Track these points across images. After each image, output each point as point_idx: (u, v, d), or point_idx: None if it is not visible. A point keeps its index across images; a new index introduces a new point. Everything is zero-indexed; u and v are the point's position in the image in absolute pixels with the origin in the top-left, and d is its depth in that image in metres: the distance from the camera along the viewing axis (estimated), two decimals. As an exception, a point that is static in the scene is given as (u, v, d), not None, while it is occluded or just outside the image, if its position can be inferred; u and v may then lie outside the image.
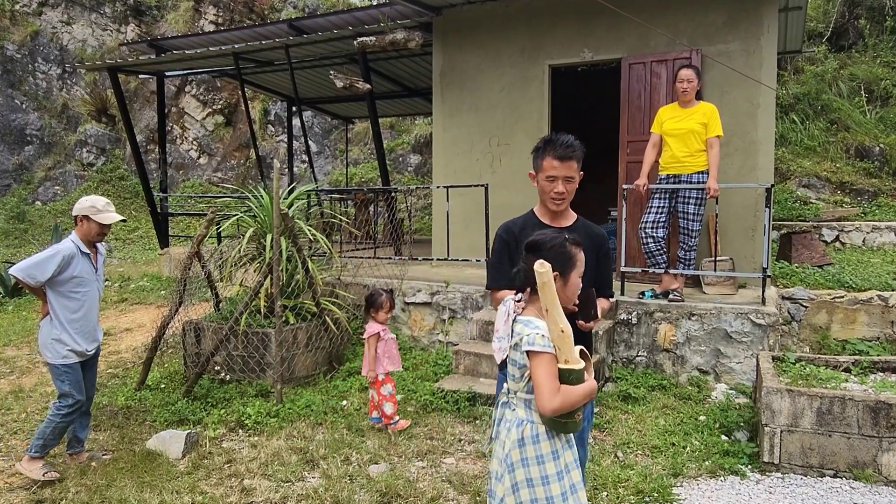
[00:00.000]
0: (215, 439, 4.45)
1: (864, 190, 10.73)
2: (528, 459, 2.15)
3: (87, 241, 4.10)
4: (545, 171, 2.62)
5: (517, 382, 2.21)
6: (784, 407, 3.74)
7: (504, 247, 2.71)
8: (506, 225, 2.75)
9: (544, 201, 2.69)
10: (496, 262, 2.73)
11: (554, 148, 2.59)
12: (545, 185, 2.63)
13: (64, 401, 4.02)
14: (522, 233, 2.62)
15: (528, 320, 2.16)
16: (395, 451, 4.18)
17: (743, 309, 5.24)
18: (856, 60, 12.72)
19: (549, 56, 7.08)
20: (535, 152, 2.69)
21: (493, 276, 2.76)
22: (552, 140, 2.62)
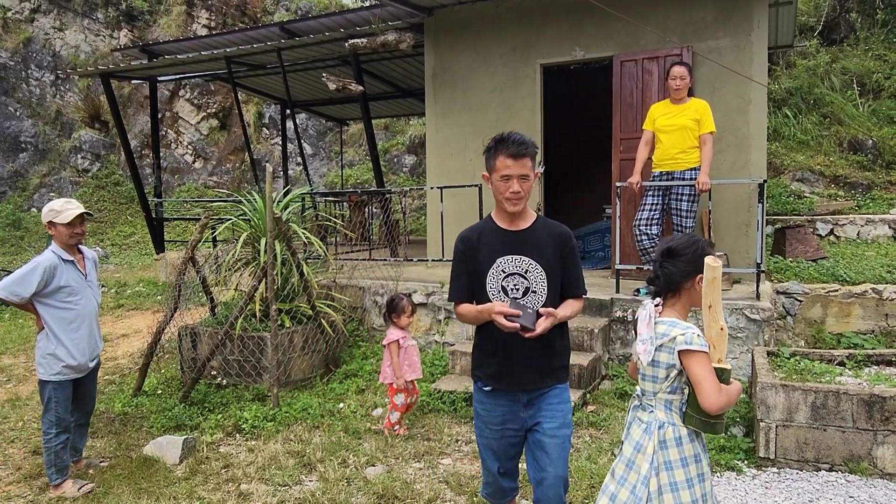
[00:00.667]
0: (212, 444, 4.45)
1: (857, 183, 10.76)
2: (671, 462, 2.17)
3: (66, 247, 3.92)
4: (499, 171, 2.52)
5: (659, 384, 2.22)
6: (779, 402, 3.75)
7: (462, 258, 2.64)
8: (463, 235, 2.67)
9: (500, 203, 2.59)
10: (457, 274, 2.66)
11: (506, 146, 2.50)
12: (500, 186, 2.53)
13: (49, 421, 3.85)
14: (481, 240, 2.60)
15: (673, 321, 2.19)
16: (392, 453, 4.19)
17: (738, 304, 5.26)
18: (847, 54, 12.75)
19: (541, 55, 7.09)
20: (487, 153, 2.59)
21: (454, 289, 2.70)
22: (503, 139, 2.54)
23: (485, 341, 2.69)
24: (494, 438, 2.73)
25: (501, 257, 2.58)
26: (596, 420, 4.58)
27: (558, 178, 9.56)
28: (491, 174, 2.58)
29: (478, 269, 2.59)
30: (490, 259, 2.58)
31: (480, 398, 2.76)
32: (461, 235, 2.67)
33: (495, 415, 2.70)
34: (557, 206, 9.23)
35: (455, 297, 2.69)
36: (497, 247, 2.59)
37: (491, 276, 2.58)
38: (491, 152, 2.57)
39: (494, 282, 2.59)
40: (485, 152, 2.61)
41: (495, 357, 2.65)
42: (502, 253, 2.58)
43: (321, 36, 8.16)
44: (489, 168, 2.59)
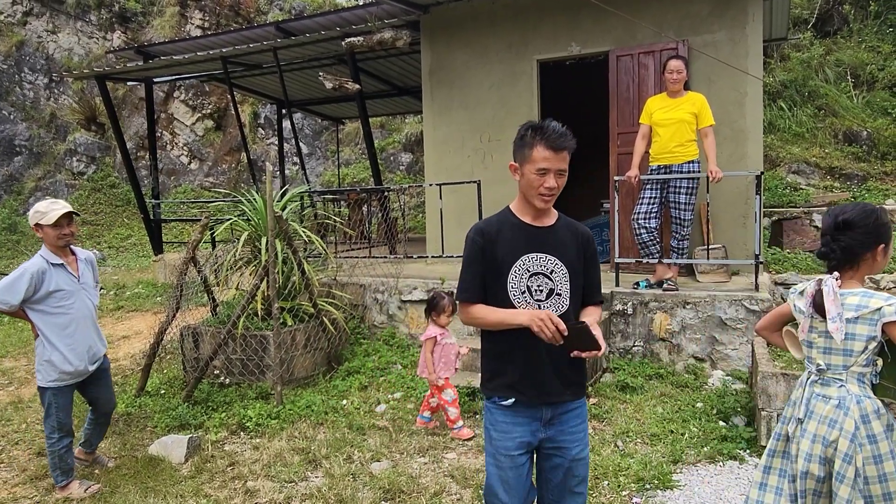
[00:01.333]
0: (217, 443, 4.47)
1: (853, 174, 10.82)
2: (875, 436, 2.15)
3: (56, 249, 3.81)
4: (535, 163, 2.23)
5: (854, 357, 2.19)
6: (780, 391, 3.78)
7: (478, 253, 2.32)
8: (478, 227, 2.37)
9: (529, 197, 2.31)
10: (470, 270, 2.33)
11: (545, 136, 2.22)
12: (533, 179, 2.25)
13: (51, 426, 3.81)
14: (501, 234, 2.32)
15: (866, 292, 2.17)
16: (397, 448, 4.21)
17: (737, 296, 5.29)
18: (841, 46, 12.81)
19: (537, 51, 7.11)
20: (520, 140, 2.29)
21: (466, 287, 2.35)
22: (542, 127, 2.24)
23: (500, 344, 2.34)
24: (511, 468, 2.32)
25: (526, 254, 2.31)
26: (598, 412, 4.61)
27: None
28: (522, 165, 2.29)
29: (497, 266, 2.30)
30: (513, 256, 2.31)
31: (495, 418, 2.36)
32: (477, 227, 2.37)
33: (514, 437, 2.32)
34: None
35: (465, 295, 2.34)
36: (520, 243, 2.32)
37: (514, 275, 2.30)
38: (524, 140, 2.28)
39: (517, 281, 2.30)
40: (517, 140, 2.32)
41: (517, 363, 2.32)
42: (526, 250, 2.32)
43: (317, 35, 8.17)
44: (520, 158, 2.30)
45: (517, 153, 2.33)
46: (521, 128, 2.32)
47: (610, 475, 3.71)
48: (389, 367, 5.73)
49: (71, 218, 3.84)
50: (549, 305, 2.31)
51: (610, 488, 3.59)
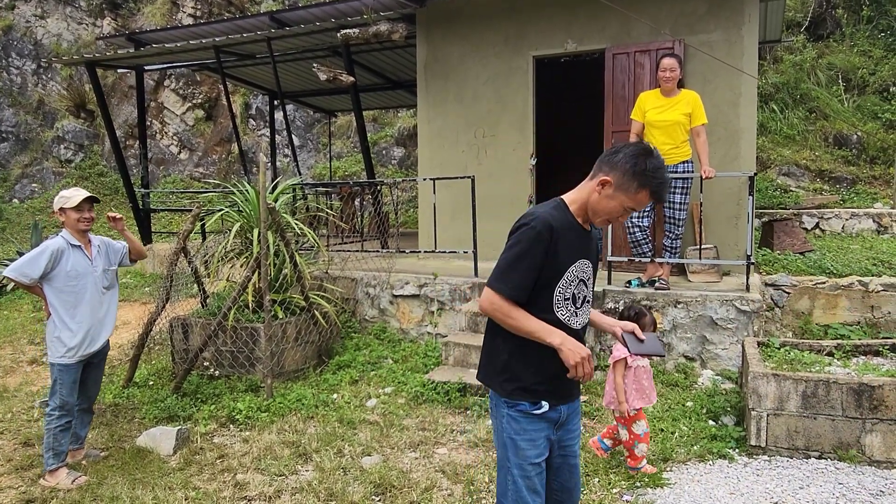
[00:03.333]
0: (206, 435, 4.44)
1: (842, 177, 10.92)
2: None
3: (76, 232, 4.04)
4: (633, 202, 2.13)
5: None
6: (770, 391, 3.81)
7: (542, 249, 2.09)
8: (546, 219, 2.11)
9: (595, 215, 2.20)
10: (525, 265, 2.09)
11: (659, 186, 2.13)
12: (616, 210, 2.15)
13: (53, 403, 3.94)
14: (564, 235, 2.13)
15: None
16: (388, 443, 4.20)
17: (728, 296, 5.32)
18: (833, 50, 12.89)
19: (533, 47, 7.10)
20: (633, 170, 2.11)
21: (517, 283, 2.11)
22: (657, 170, 2.12)
23: (530, 345, 2.16)
24: (538, 475, 2.22)
25: (579, 260, 2.21)
26: (589, 410, 4.62)
27: (549, 170, 9.58)
28: (619, 192, 2.13)
29: (556, 269, 2.14)
30: (570, 259, 2.17)
31: (522, 427, 2.19)
32: (546, 220, 2.11)
33: (540, 444, 2.21)
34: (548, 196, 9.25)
35: (514, 293, 2.11)
36: (576, 247, 2.19)
37: (565, 280, 2.17)
38: (637, 172, 2.11)
39: (566, 288, 2.18)
40: (631, 165, 2.12)
41: (551, 366, 2.16)
42: (580, 255, 2.21)
43: (312, 26, 8.10)
44: (622, 185, 2.12)
45: (622, 178, 2.13)
46: (641, 156, 2.13)
47: (600, 473, 3.72)
48: (380, 362, 5.71)
49: (92, 204, 4.10)
50: (583, 313, 2.26)
51: (601, 486, 3.59)
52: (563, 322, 2.18)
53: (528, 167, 7.16)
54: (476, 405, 4.73)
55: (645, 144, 2.20)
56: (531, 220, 2.12)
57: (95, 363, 4.23)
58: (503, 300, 2.11)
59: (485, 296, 2.15)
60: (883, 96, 11.76)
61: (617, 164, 2.14)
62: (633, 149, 2.15)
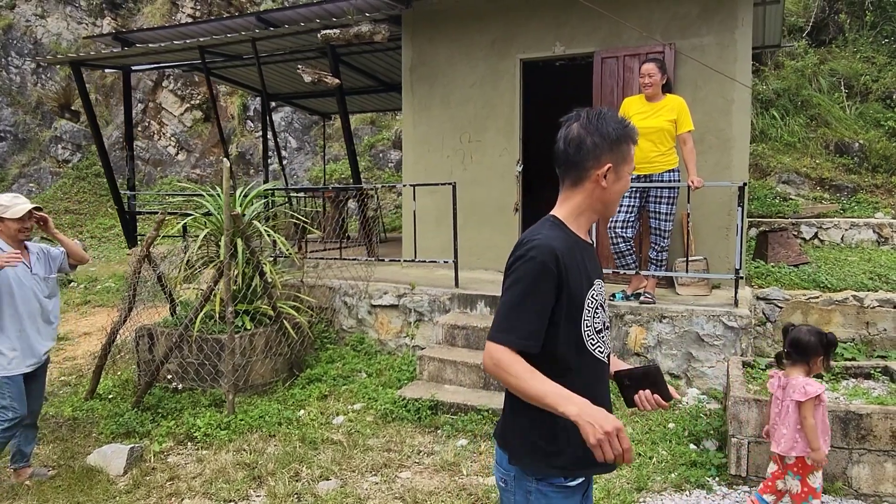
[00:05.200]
0: (161, 453, 4.23)
1: (843, 186, 10.69)
2: None
3: (13, 242, 3.86)
4: (632, 160, 1.86)
5: None
6: (751, 417, 3.57)
7: (548, 283, 1.69)
8: (547, 245, 1.71)
9: (607, 207, 1.87)
10: (533, 304, 1.68)
11: (633, 128, 1.86)
12: (620, 185, 1.84)
13: (3, 414, 3.76)
14: (573, 258, 1.76)
15: None
16: (349, 466, 3.98)
17: (715, 311, 5.08)
18: (836, 55, 12.67)
19: (521, 49, 6.88)
20: (618, 132, 1.81)
21: (522, 326, 1.67)
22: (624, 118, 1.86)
23: None
24: None
25: (596, 280, 1.85)
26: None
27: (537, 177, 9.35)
28: (621, 165, 1.82)
29: (575, 301, 1.75)
30: (587, 284, 1.80)
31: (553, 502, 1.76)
32: (550, 246, 1.71)
33: None
34: (532, 205, 9.04)
35: (519, 341, 1.66)
36: (587, 267, 1.83)
37: (589, 310, 1.79)
38: (626, 132, 1.83)
39: (594, 318, 1.80)
40: (613, 131, 1.80)
41: None
42: (594, 275, 1.85)
43: (296, 27, 7.92)
44: (622, 157, 1.82)
45: (612, 150, 1.80)
46: (616, 121, 1.83)
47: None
48: (353, 376, 5.50)
49: (32, 214, 3.91)
50: (607, 344, 1.88)
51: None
52: (598, 359, 1.81)
53: (514, 173, 6.95)
54: (447, 424, 4.50)
55: (588, 111, 1.89)
56: (529, 249, 1.71)
57: (36, 375, 4.03)
58: (508, 354, 1.65)
59: (486, 351, 1.70)
60: (886, 104, 11.51)
61: (603, 141, 1.79)
62: (596, 119, 1.83)
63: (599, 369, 1.83)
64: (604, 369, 1.86)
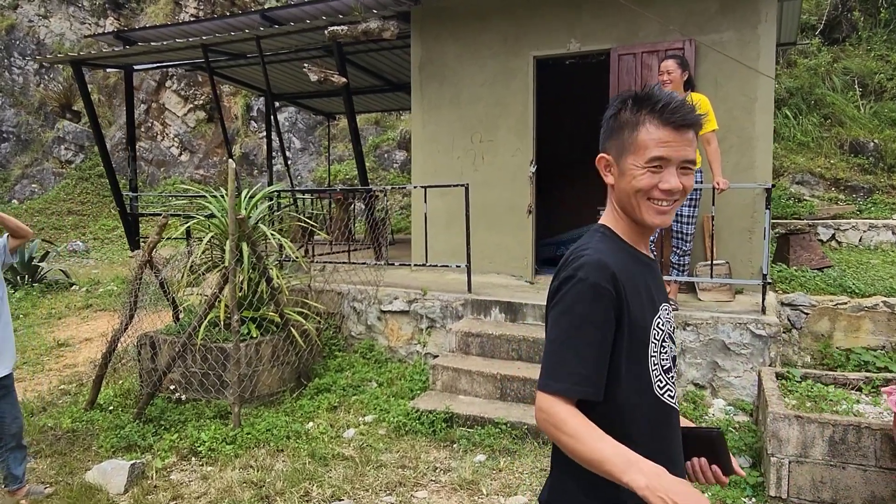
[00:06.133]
0: (163, 470, 4.02)
1: (859, 186, 10.48)
2: None
3: None
4: (645, 150, 1.43)
5: None
6: (792, 435, 3.35)
7: (604, 309, 1.37)
8: (599, 262, 1.40)
9: (633, 209, 1.48)
10: (588, 336, 1.35)
11: (659, 107, 1.43)
12: (642, 178, 1.44)
13: None
14: (631, 276, 1.44)
15: None
16: (362, 484, 3.77)
17: (742, 318, 4.86)
18: (849, 54, 12.46)
19: (534, 47, 6.66)
20: (614, 118, 1.50)
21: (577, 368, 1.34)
22: (650, 96, 1.46)
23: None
24: None
25: (662, 305, 1.53)
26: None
27: (551, 179, 9.13)
28: (622, 156, 1.48)
29: (637, 331, 1.43)
30: (651, 309, 1.48)
31: None
32: (598, 262, 1.40)
33: None
34: (548, 207, 8.83)
35: (574, 387, 1.34)
36: (650, 286, 1.51)
37: (656, 342, 1.47)
38: (623, 117, 1.49)
39: (661, 352, 1.48)
40: (609, 119, 1.52)
41: None
42: (660, 298, 1.53)
43: (301, 24, 7.71)
44: (618, 146, 1.49)
45: (611, 138, 1.51)
46: (615, 101, 1.52)
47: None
48: (363, 385, 5.28)
49: None
50: (673, 384, 1.53)
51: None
52: (669, 405, 1.48)
53: (527, 174, 6.73)
54: (463, 438, 4.29)
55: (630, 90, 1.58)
56: (577, 268, 1.39)
57: (2, 395, 3.65)
58: (561, 406, 1.32)
59: (536, 404, 1.37)
60: (902, 102, 11.29)
61: (602, 134, 1.55)
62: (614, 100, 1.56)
63: (670, 419, 1.49)
64: (675, 419, 1.51)
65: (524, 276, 6.72)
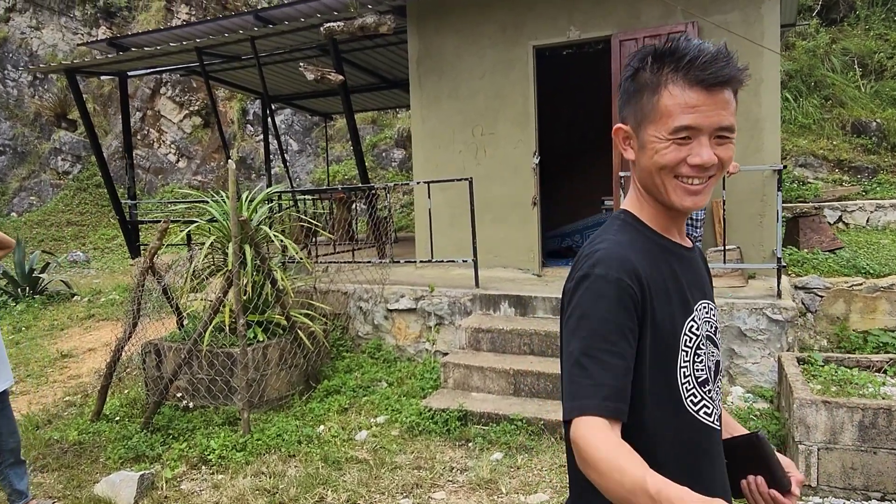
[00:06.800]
0: (173, 480, 3.93)
1: (863, 167, 10.39)
2: None
3: None
4: (671, 117, 1.17)
5: None
6: (820, 421, 3.26)
7: (631, 308, 1.14)
8: (618, 255, 1.18)
9: (658, 188, 1.23)
10: (609, 342, 1.11)
11: (685, 63, 1.17)
12: (667, 153, 1.19)
13: None
14: (656, 275, 1.21)
15: None
16: (377, 487, 3.67)
17: (757, 304, 4.76)
18: (848, 34, 12.36)
19: (533, 36, 6.56)
20: (632, 79, 1.24)
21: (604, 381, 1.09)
22: (675, 49, 1.19)
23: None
24: None
25: (700, 302, 1.29)
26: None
27: (553, 170, 9.03)
28: (641, 126, 1.22)
29: (664, 335, 1.20)
30: (682, 311, 1.24)
31: None
32: (619, 254, 1.18)
33: None
34: (553, 198, 8.72)
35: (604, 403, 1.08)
36: (684, 282, 1.27)
37: (688, 348, 1.23)
38: (642, 77, 1.22)
39: (696, 360, 1.24)
40: (626, 79, 1.26)
41: None
42: (697, 294, 1.29)
43: (296, 23, 7.60)
44: (642, 114, 1.22)
45: (629, 105, 1.25)
46: (632, 59, 1.26)
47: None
48: (373, 386, 5.19)
49: None
50: (719, 395, 1.31)
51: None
52: (705, 423, 1.24)
53: (531, 166, 6.63)
54: (478, 436, 4.20)
55: None
56: (592, 265, 1.17)
57: None
58: (592, 428, 1.06)
59: (570, 435, 1.11)
60: (903, 80, 11.19)
61: (619, 100, 1.29)
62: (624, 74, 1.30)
63: (709, 440, 1.25)
64: (715, 439, 1.27)
65: (531, 269, 6.62)
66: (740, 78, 1.19)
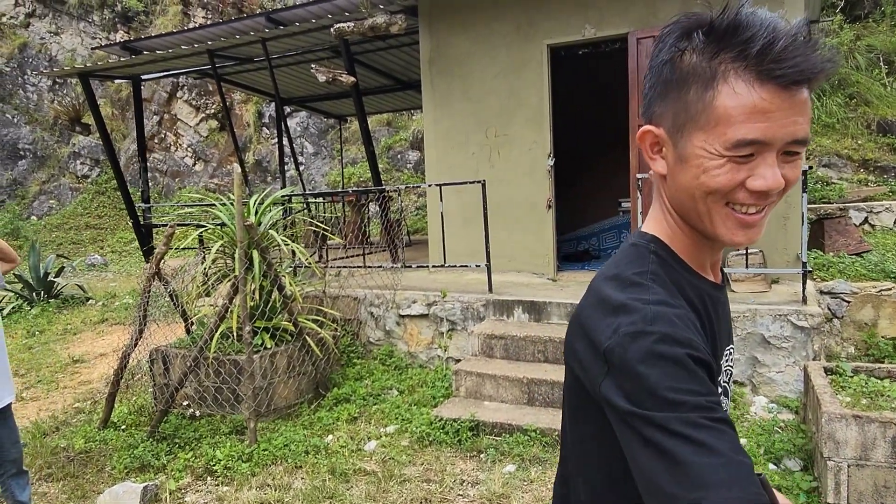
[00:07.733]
0: (177, 492, 3.84)
1: (889, 167, 10.10)
2: None
3: None
4: (731, 125, 0.86)
5: None
6: (851, 437, 3.08)
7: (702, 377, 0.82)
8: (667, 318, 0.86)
9: (704, 216, 0.94)
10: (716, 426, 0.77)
11: (757, 49, 0.83)
12: (720, 174, 0.89)
13: None
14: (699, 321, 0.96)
15: None
16: (385, 501, 3.55)
17: (781, 310, 4.57)
18: (872, 30, 12.07)
19: (548, 34, 6.41)
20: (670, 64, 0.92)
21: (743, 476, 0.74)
22: (738, 27, 0.85)
23: None
24: None
25: (726, 349, 1.09)
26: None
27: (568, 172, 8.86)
28: (685, 133, 0.91)
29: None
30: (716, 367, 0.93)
31: None
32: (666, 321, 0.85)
33: None
34: (568, 200, 8.55)
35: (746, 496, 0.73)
36: (720, 333, 1.05)
37: None
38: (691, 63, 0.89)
39: None
40: (660, 66, 0.94)
41: None
42: (726, 342, 1.09)
43: (307, 24, 7.53)
44: (686, 115, 0.91)
45: (664, 100, 0.94)
46: (668, 36, 0.93)
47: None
48: (384, 394, 5.07)
49: None
50: None
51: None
52: None
53: (545, 168, 6.48)
54: (490, 447, 4.06)
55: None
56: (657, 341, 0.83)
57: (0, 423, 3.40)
58: None
59: None
60: (932, 77, 10.88)
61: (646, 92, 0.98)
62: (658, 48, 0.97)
63: None
64: None
65: (546, 274, 6.47)
66: (829, 72, 0.87)
